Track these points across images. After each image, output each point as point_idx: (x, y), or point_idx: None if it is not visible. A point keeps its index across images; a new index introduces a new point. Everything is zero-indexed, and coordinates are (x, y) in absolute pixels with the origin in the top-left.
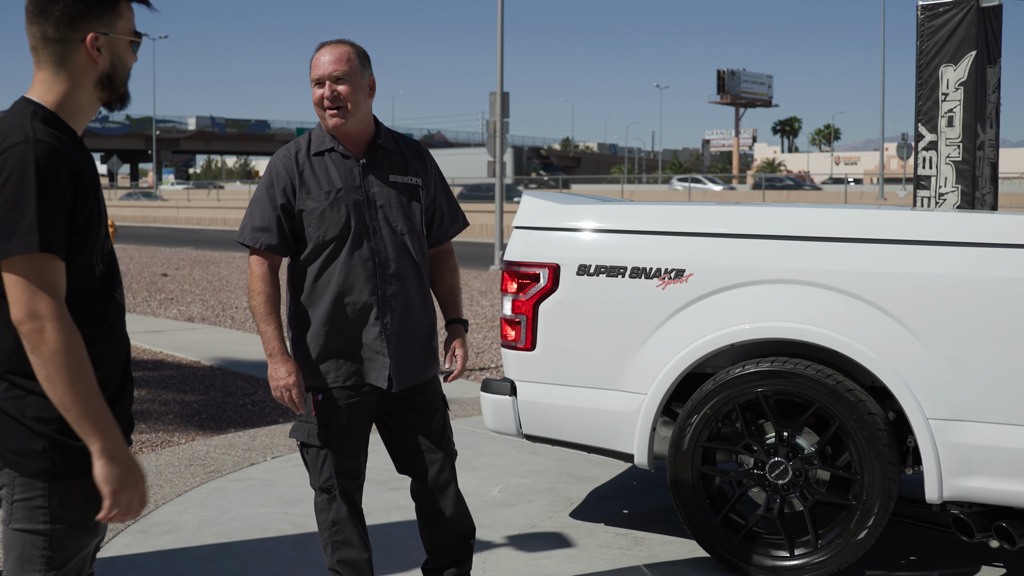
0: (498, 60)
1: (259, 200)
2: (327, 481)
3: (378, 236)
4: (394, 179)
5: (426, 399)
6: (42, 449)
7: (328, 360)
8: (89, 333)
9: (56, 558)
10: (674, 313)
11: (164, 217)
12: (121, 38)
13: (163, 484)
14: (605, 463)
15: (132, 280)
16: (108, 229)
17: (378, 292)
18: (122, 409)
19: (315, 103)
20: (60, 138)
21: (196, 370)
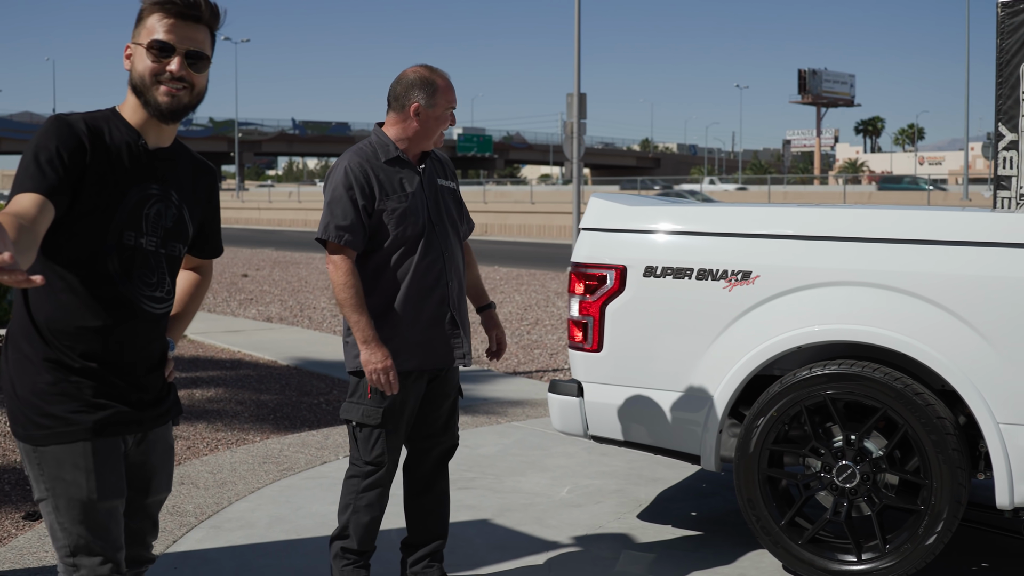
0: (575, 61)
1: (340, 200)
2: (378, 457)
3: (443, 232)
4: (442, 183)
5: (450, 382)
6: (20, 415)
7: (401, 347)
8: (72, 317)
9: (71, 518)
10: (741, 315)
11: (246, 219)
12: (138, 47)
13: (236, 481)
14: (676, 465)
15: (213, 280)
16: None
17: (447, 282)
18: (121, 388)
19: (442, 123)
20: (96, 125)
21: (273, 369)
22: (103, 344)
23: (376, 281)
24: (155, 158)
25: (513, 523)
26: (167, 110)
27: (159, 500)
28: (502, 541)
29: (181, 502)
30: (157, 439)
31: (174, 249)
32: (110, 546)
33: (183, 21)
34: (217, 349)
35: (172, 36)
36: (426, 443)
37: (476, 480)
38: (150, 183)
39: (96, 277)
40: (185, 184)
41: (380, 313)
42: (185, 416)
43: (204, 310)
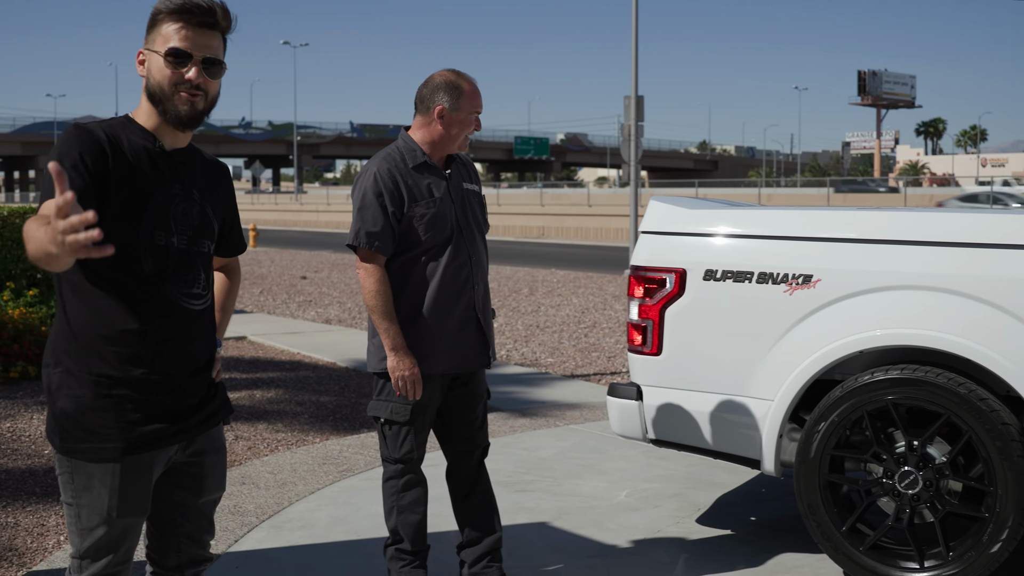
0: (632, 63)
1: (370, 206)
2: (408, 454)
3: (470, 236)
4: (467, 187)
5: (478, 386)
6: (56, 426)
7: (428, 350)
8: (111, 322)
9: (88, 526)
10: (801, 319)
11: (305, 221)
12: (153, 54)
13: (297, 482)
14: (735, 469)
15: (272, 283)
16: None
17: (474, 285)
18: (160, 398)
19: (467, 131)
20: (115, 133)
21: (332, 371)
22: (145, 346)
23: (405, 285)
24: (173, 160)
25: (571, 526)
26: (186, 118)
27: (213, 500)
28: (561, 544)
29: (242, 502)
30: (207, 441)
31: (204, 246)
32: (119, 556)
33: (199, 28)
34: (277, 350)
35: (188, 44)
36: (464, 446)
37: (534, 483)
38: (172, 184)
39: (132, 279)
40: (203, 183)
41: (409, 316)
42: (246, 417)
43: (264, 312)
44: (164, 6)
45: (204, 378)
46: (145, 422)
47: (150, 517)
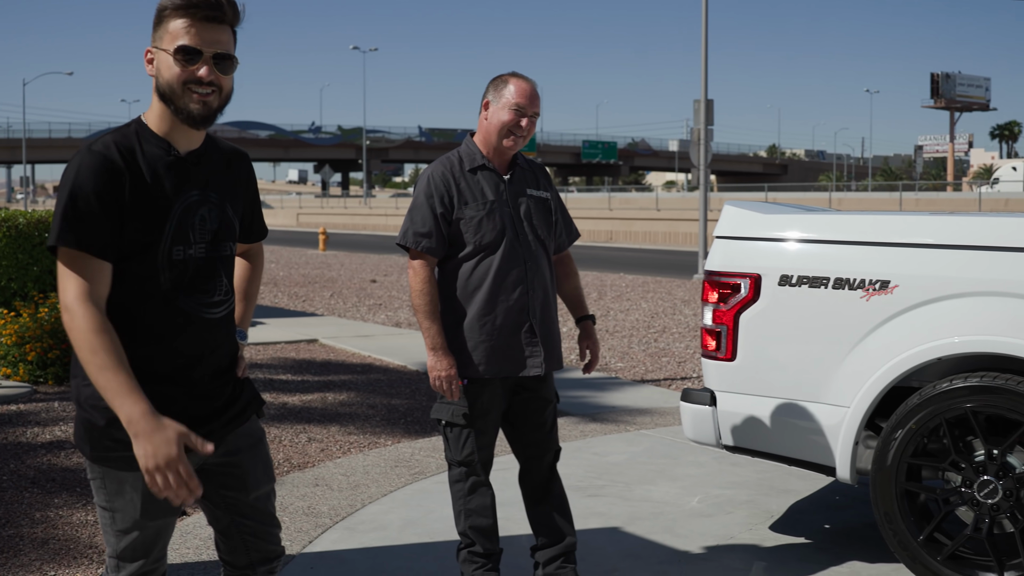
0: (702, 67)
1: (420, 208)
2: (468, 456)
3: (525, 241)
4: (531, 192)
5: (545, 391)
6: (85, 434)
7: (479, 353)
8: (129, 334)
9: (123, 529)
10: (878, 325)
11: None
12: (162, 52)
13: (369, 484)
14: (807, 476)
15: (342, 286)
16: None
17: (527, 291)
18: (178, 408)
19: (503, 123)
20: (129, 149)
21: (402, 374)
22: (165, 358)
23: (456, 287)
24: (189, 163)
25: (643, 531)
26: (199, 117)
27: (264, 494)
28: (633, 549)
29: (316, 503)
30: (239, 438)
31: (224, 249)
32: (154, 554)
33: (207, 24)
34: (348, 353)
35: (198, 40)
36: (533, 451)
37: (605, 488)
38: (190, 191)
39: (150, 295)
40: (222, 180)
41: (459, 319)
42: (319, 419)
43: (335, 315)
44: (169, 2)
45: (227, 380)
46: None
47: (211, 522)
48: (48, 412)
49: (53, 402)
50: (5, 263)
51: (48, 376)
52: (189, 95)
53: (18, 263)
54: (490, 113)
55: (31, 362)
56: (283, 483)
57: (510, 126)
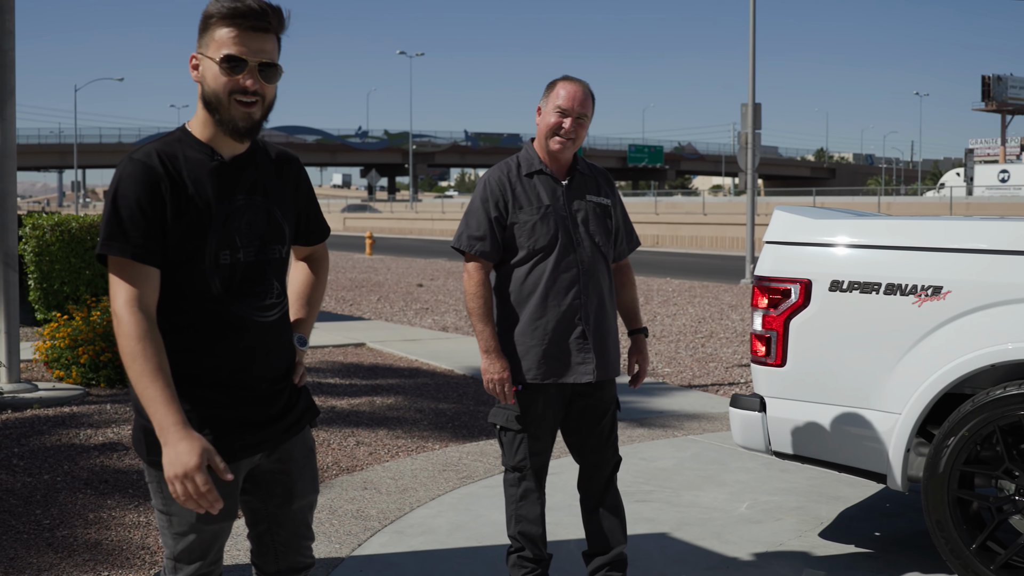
0: (750, 71)
1: (475, 211)
2: (521, 461)
3: (581, 247)
4: (590, 199)
5: (605, 397)
6: (143, 439)
7: (530, 357)
8: (184, 339)
9: (180, 532)
10: (931, 331)
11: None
12: (207, 59)
13: (418, 488)
14: (857, 483)
15: (389, 290)
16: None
17: (581, 296)
18: (234, 414)
19: (548, 126)
20: (171, 156)
21: (450, 378)
22: (221, 363)
23: (511, 291)
24: (234, 168)
25: (692, 537)
26: (244, 129)
27: (307, 504)
28: (681, 555)
29: (365, 507)
30: (294, 446)
31: (274, 252)
32: (211, 557)
33: (253, 33)
34: (396, 357)
35: (244, 49)
36: (592, 458)
37: (653, 493)
38: (234, 196)
39: (202, 299)
40: (269, 184)
41: (513, 323)
42: (367, 423)
43: (382, 319)
44: (216, 9)
45: (284, 387)
46: (227, 436)
47: (248, 524)
48: (100, 414)
49: (105, 404)
50: (58, 267)
51: (100, 379)
52: (235, 106)
53: (71, 267)
54: (540, 117)
55: (84, 365)
56: (332, 486)
57: (554, 128)
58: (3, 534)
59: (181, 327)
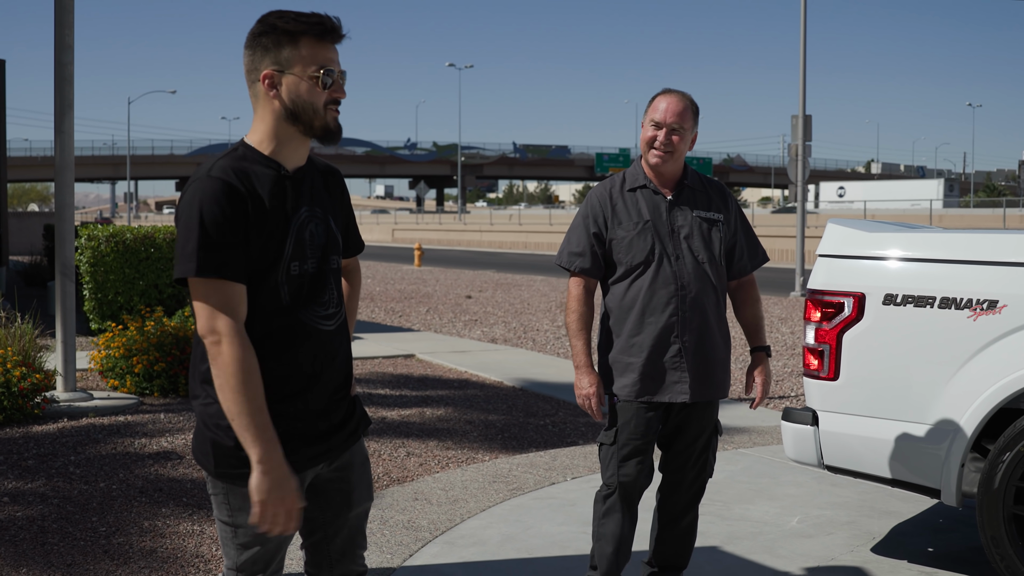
0: (800, 82)
1: (576, 228)
2: (611, 478)
3: (680, 262)
4: (697, 214)
5: (703, 418)
6: (211, 451)
7: (628, 375)
8: (267, 349)
9: (244, 543)
10: (986, 346)
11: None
12: (292, 76)
13: (468, 499)
14: (909, 497)
15: (438, 301)
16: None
17: (679, 313)
18: (303, 425)
19: (646, 140)
20: (243, 173)
21: (499, 390)
22: (289, 373)
23: (612, 308)
24: (296, 181)
25: (742, 551)
26: (336, 129)
27: (363, 512)
28: (732, 568)
29: (416, 517)
30: (352, 455)
31: (333, 262)
32: (272, 567)
33: (332, 44)
34: (445, 369)
35: (333, 62)
36: (676, 476)
37: (704, 506)
38: (300, 208)
39: (274, 311)
40: (322, 195)
41: (610, 339)
42: (417, 434)
43: (431, 330)
44: (296, 27)
45: (345, 395)
46: (295, 446)
47: (303, 533)
48: (155, 423)
49: (159, 413)
50: (113, 277)
51: (154, 388)
52: (329, 112)
53: (125, 277)
54: (642, 132)
55: (138, 374)
56: (383, 496)
57: (650, 141)
58: (61, 541)
59: (255, 339)
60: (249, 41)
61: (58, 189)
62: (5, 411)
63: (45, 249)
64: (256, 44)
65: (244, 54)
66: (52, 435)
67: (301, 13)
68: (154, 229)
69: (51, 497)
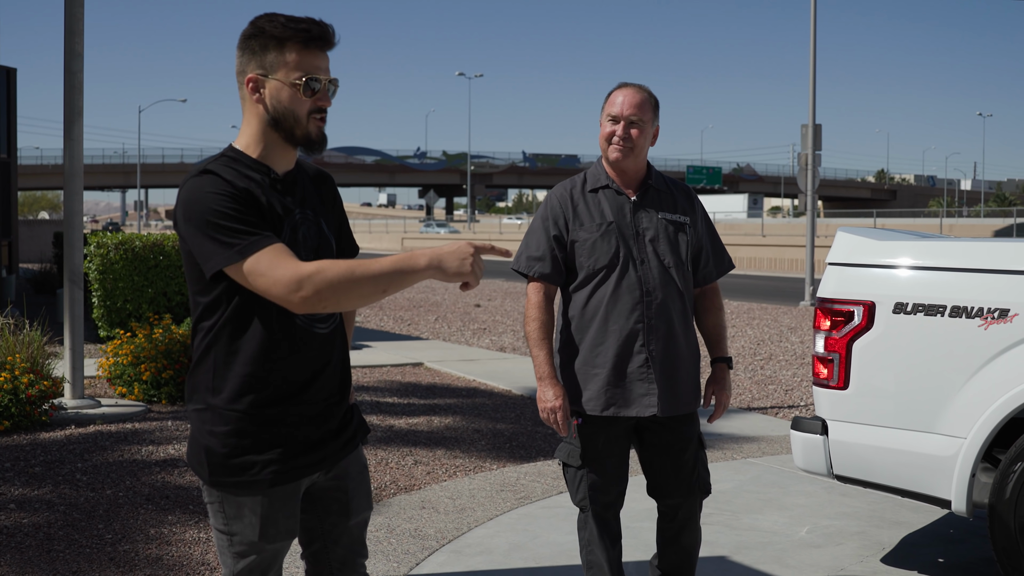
0: (810, 91)
1: (535, 231)
2: (582, 500)
3: (646, 266)
4: (663, 216)
5: (682, 433)
6: (204, 460)
7: (592, 388)
8: (249, 355)
9: (240, 552)
10: (997, 355)
11: None
12: (276, 81)
13: (475, 507)
14: (919, 508)
15: (447, 310)
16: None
17: (644, 320)
18: (297, 432)
19: (604, 136)
20: (235, 172)
21: (507, 399)
22: (283, 379)
23: (573, 316)
24: (287, 184)
25: (751, 561)
26: (318, 140)
27: (362, 521)
28: None
29: (423, 526)
30: (349, 463)
31: None
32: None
33: (321, 52)
34: (453, 377)
35: (319, 69)
36: (669, 500)
37: (712, 516)
38: (292, 212)
39: (268, 314)
40: (314, 198)
41: (574, 350)
42: (424, 442)
43: (439, 338)
44: (281, 32)
45: (340, 401)
46: (290, 454)
47: (303, 542)
48: (162, 431)
49: (166, 421)
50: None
51: (162, 395)
52: (312, 123)
53: (134, 285)
54: (600, 130)
55: (145, 381)
56: (390, 505)
57: (607, 137)
58: (67, 548)
59: (247, 343)
60: (239, 42)
61: (67, 196)
62: (13, 418)
63: (54, 256)
64: (245, 46)
65: (236, 55)
66: (59, 442)
67: (291, 18)
68: (163, 237)
69: (58, 504)
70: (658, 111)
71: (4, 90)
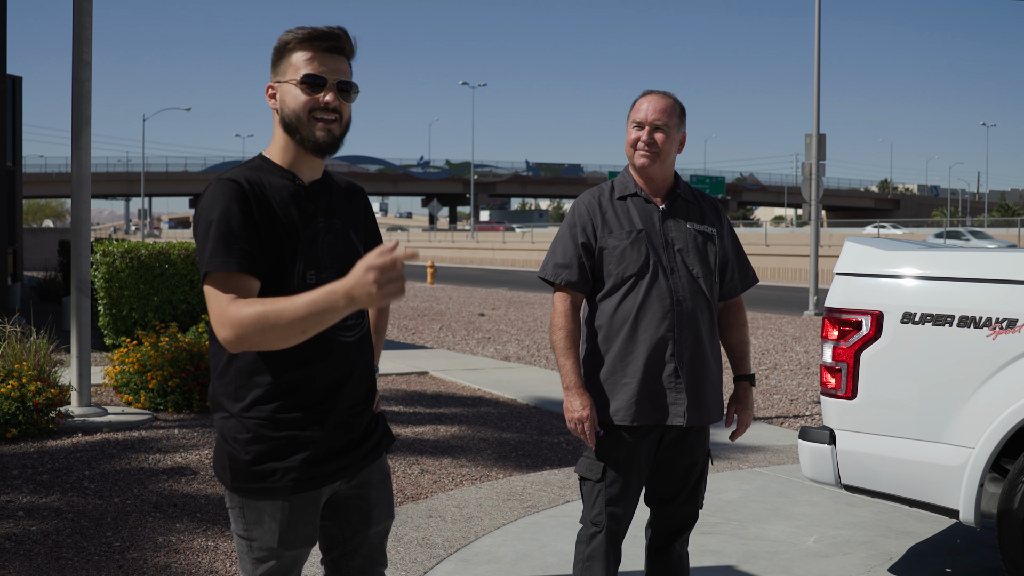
0: (814, 101)
1: (562, 238)
2: (597, 516)
3: (675, 275)
4: (691, 226)
5: (695, 447)
6: (227, 466)
7: (620, 398)
8: (272, 363)
9: (259, 557)
10: (1006, 364)
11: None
12: (286, 84)
13: (482, 516)
14: (926, 518)
15: (451, 319)
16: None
17: (674, 329)
18: (320, 439)
19: (629, 142)
20: (256, 180)
21: (513, 408)
22: (306, 386)
23: (600, 325)
24: (313, 192)
25: (758, 571)
26: (324, 144)
27: (383, 529)
28: None
29: (430, 534)
30: (372, 472)
31: None
32: None
33: (329, 54)
34: (459, 386)
35: (322, 68)
36: (666, 509)
37: (719, 525)
38: (316, 218)
39: None
40: (344, 209)
41: (599, 358)
42: (431, 451)
43: (444, 347)
44: (291, 37)
45: (365, 410)
46: (312, 462)
47: (323, 549)
48: (168, 439)
49: (173, 429)
50: (127, 293)
51: (168, 404)
52: (314, 123)
53: (139, 293)
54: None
55: (152, 390)
56: (397, 514)
57: (632, 143)
58: (75, 555)
59: (270, 352)
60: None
61: (75, 205)
62: (20, 426)
63: (60, 265)
64: (272, 60)
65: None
66: (67, 450)
67: (305, 26)
68: (168, 245)
69: (65, 512)
70: (684, 117)
71: (10, 99)
